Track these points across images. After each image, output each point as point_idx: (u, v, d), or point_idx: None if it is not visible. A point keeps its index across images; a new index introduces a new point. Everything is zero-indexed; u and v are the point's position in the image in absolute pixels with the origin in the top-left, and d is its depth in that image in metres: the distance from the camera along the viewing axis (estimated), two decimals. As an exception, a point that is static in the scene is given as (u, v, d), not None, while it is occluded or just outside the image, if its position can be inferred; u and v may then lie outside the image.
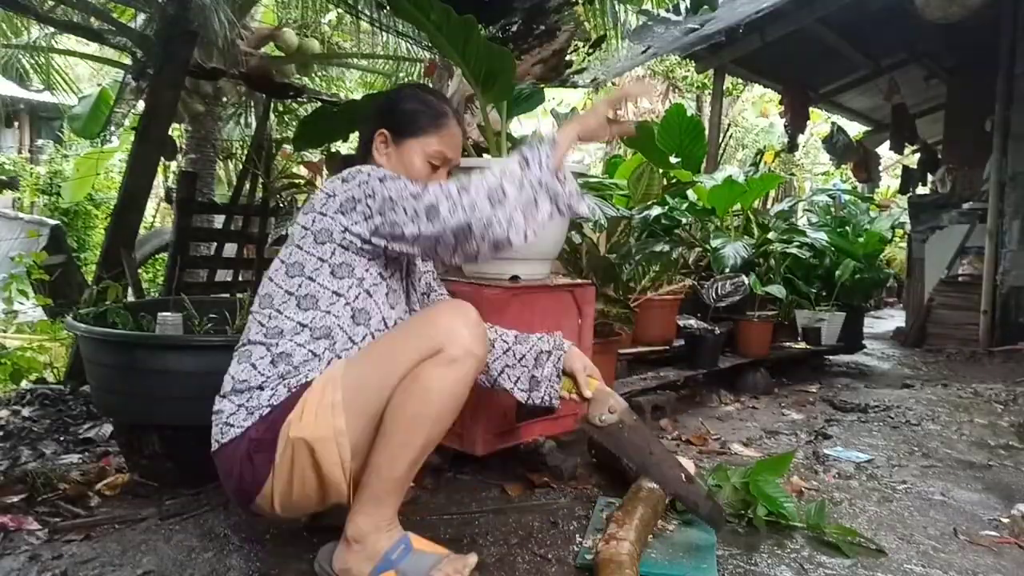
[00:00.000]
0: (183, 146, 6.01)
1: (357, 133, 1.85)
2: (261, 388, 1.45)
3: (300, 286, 1.49)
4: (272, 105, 4.81)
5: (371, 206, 1.47)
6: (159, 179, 5.41)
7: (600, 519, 1.68)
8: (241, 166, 4.10)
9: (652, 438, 1.81)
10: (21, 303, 3.46)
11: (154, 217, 9.08)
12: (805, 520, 1.85)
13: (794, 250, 4.22)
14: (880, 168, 9.51)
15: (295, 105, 6.53)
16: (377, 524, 1.44)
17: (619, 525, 1.59)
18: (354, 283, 1.51)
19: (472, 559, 1.48)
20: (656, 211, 3.85)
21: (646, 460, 1.75)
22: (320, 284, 1.50)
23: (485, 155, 2.70)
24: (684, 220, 4.18)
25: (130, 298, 3.04)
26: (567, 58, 3.63)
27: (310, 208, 1.54)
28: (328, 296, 1.50)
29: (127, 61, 5.21)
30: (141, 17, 5.05)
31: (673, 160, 3.57)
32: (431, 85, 6.10)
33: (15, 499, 1.93)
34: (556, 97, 9.94)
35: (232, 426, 1.44)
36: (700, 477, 1.97)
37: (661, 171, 3.82)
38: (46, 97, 10.64)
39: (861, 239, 5.31)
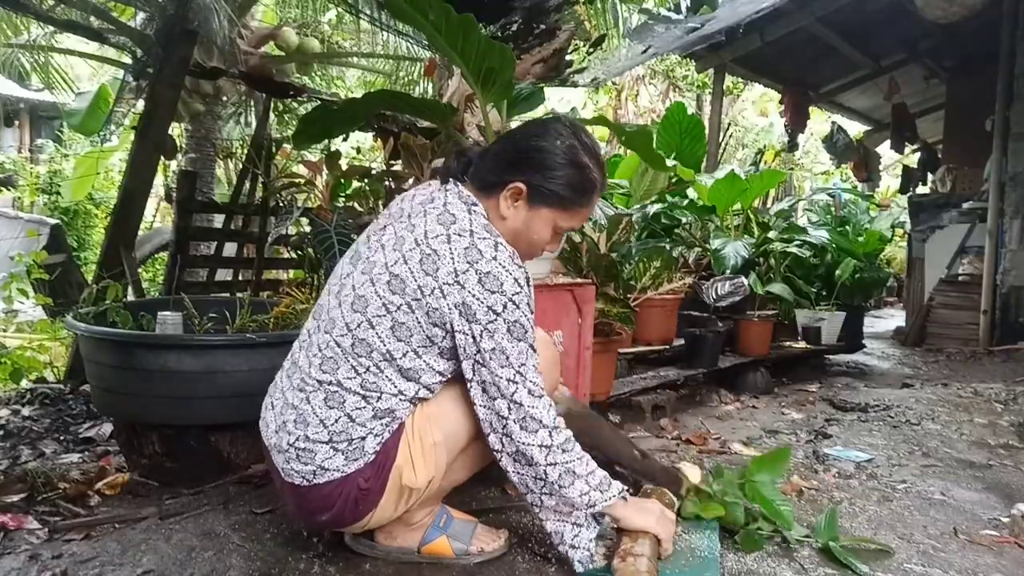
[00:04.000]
0: (183, 145, 6.01)
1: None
2: (363, 439, 1.45)
3: (405, 356, 1.45)
4: (272, 104, 4.81)
5: (484, 335, 1.42)
6: (159, 179, 5.40)
7: (605, 524, 1.65)
8: (241, 166, 4.10)
9: (601, 422, 1.83)
10: (21, 302, 3.46)
11: (154, 217, 9.08)
12: (814, 532, 1.79)
13: (794, 249, 4.22)
14: (880, 167, 9.51)
15: (295, 104, 6.55)
16: (424, 507, 1.60)
17: (632, 539, 1.51)
18: (456, 365, 1.49)
19: (504, 532, 1.70)
20: (656, 209, 3.85)
21: (598, 443, 1.73)
22: (426, 362, 1.47)
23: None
24: (684, 219, 4.18)
25: (130, 297, 3.04)
26: (567, 57, 3.63)
27: (431, 268, 1.42)
28: (432, 374, 1.49)
29: (127, 60, 5.21)
30: (141, 16, 5.05)
31: (670, 163, 3.57)
32: (431, 84, 6.10)
33: (15, 498, 1.93)
34: (562, 97, 9.93)
35: (328, 470, 1.44)
36: (705, 480, 1.97)
37: (667, 167, 3.81)
38: (46, 96, 10.67)
39: (861, 238, 5.32)
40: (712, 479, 1.97)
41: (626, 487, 1.56)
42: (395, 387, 1.46)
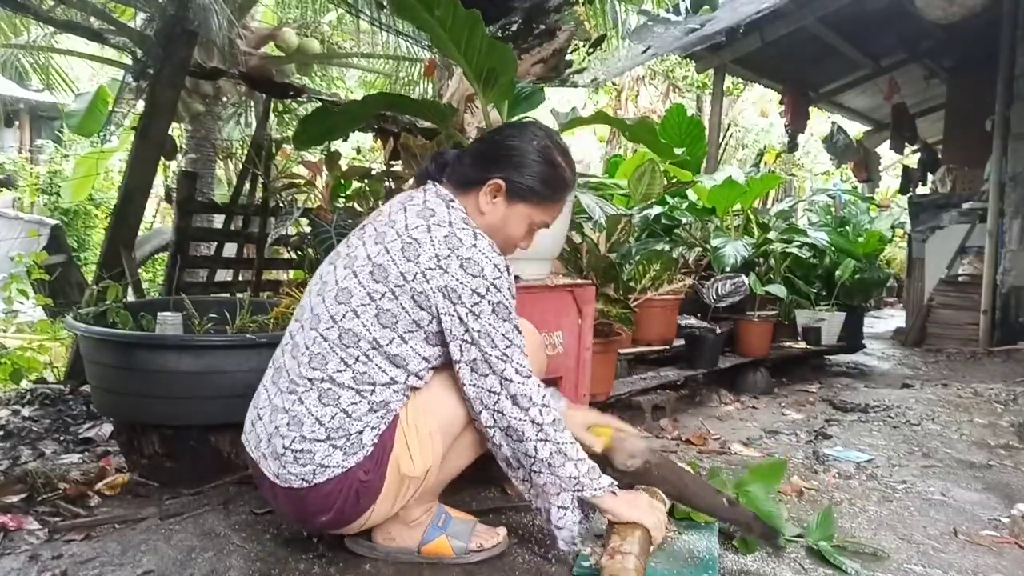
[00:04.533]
0: (183, 146, 6.01)
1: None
2: (360, 432, 1.46)
3: (391, 342, 1.46)
4: (272, 105, 4.80)
5: (470, 317, 1.45)
6: (159, 179, 5.39)
7: (599, 524, 1.66)
8: (241, 166, 4.10)
9: (682, 471, 1.77)
10: (21, 303, 3.46)
11: (154, 217, 9.08)
12: (806, 532, 1.79)
13: (794, 250, 4.23)
14: (880, 168, 9.51)
15: (295, 105, 6.54)
16: (421, 504, 1.61)
17: (621, 537, 1.51)
18: (441, 351, 1.51)
19: (503, 530, 1.70)
20: (656, 210, 3.85)
21: (683, 494, 1.72)
22: (412, 348, 1.48)
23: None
24: (684, 220, 4.18)
25: (130, 298, 3.04)
26: (567, 57, 3.63)
27: (413, 255, 1.46)
28: (418, 361, 1.50)
29: (127, 61, 5.21)
30: (141, 16, 5.05)
31: (678, 151, 3.54)
32: (431, 84, 6.10)
33: (15, 499, 1.92)
34: (562, 97, 9.92)
35: (328, 467, 1.44)
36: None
37: (663, 170, 3.81)
38: (46, 97, 10.67)
39: (861, 239, 5.31)
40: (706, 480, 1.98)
41: (615, 481, 1.56)
42: (386, 375, 1.47)
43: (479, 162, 1.61)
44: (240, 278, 3.88)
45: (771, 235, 4.26)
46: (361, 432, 1.46)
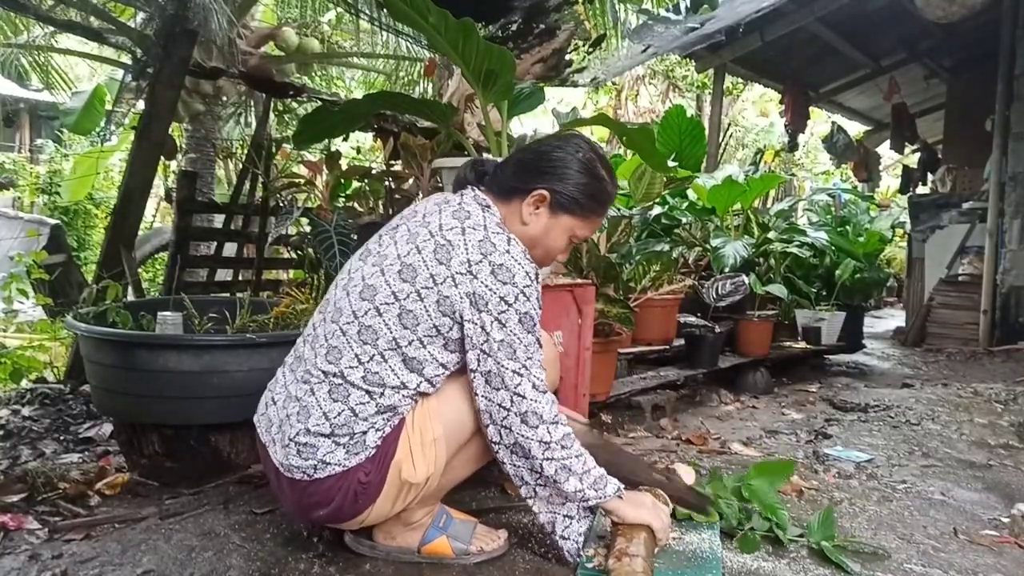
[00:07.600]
0: (183, 145, 6.00)
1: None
2: (365, 433, 1.46)
3: (410, 344, 1.46)
4: (272, 104, 4.80)
5: (494, 326, 1.44)
6: (159, 178, 5.40)
7: (602, 525, 1.65)
8: (241, 166, 4.10)
9: (618, 449, 1.82)
10: (21, 302, 3.45)
11: (154, 217, 9.08)
12: (808, 532, 1.78)
13: (794, 249, 4.23)
14: (880, 168, 9.51)
15: (295, 104, 6.54)
16: (423, 507, 1.61)
17: (627, 539, 1.51)
18: (459, 357, 1.51)
19: (503, 532, 1.70)
20: (656, 211, 3.85)
21: (619, 472, 1.71)
22: (430, 353, 1.48)
23: (486, 154, 2.70)
24: (684, 219, 4.19)
25: (130, 297, 3.04)
26: (567, 57, 3.64)
27: (444, 257, 1.45)
28: (435, 366, 1.49)
29: (127, 60, 5.21)
30: (141, 16, 5.04)
31: (671, 163, 3.57)
32: (431, 84, 6.10)
33: (15, 498, 1.92)
34: (562, 98, 9.92)
35: (330, 464, 1.45)
36: (699, 480, 1.97)
37: (663, 168, 3.81)
38: (46, 96, 10.67)
39: (861, 239, 5.31)
40: (706, 482, 1.98)
41: (622, 485, 1.56)
42: (398, 379, 1.46)
43: (522, 172, 1.60)
44: (240, 278, 3.88)
45: (771, 235, 4.26)
46: (365, 433, 1.45)
